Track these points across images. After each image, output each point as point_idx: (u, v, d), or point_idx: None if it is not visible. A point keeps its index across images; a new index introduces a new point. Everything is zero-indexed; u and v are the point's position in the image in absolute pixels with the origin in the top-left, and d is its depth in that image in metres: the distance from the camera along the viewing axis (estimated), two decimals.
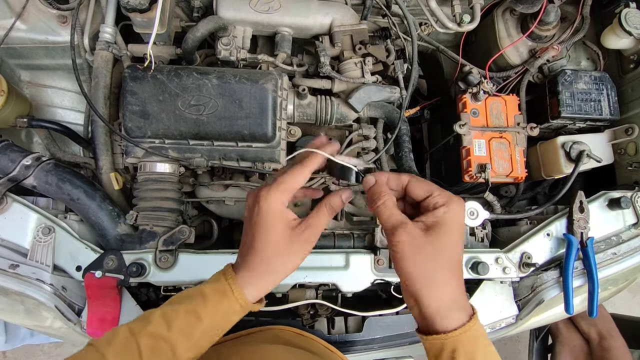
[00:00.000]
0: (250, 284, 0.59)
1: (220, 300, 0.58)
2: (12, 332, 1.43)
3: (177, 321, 0.57)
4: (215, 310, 0.58)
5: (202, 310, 0.57)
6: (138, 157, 0.91)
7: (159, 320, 0.57)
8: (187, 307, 0.58)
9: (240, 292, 0.58)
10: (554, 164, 1.09)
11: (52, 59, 1.03)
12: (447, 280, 0.55)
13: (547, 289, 0.96)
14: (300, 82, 1.00)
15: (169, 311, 0.58)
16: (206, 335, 0.58)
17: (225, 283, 0.59)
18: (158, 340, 0.55)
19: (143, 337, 0.55)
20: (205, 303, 0.58)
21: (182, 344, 0.56)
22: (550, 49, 1.08)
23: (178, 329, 0.56)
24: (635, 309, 2.37)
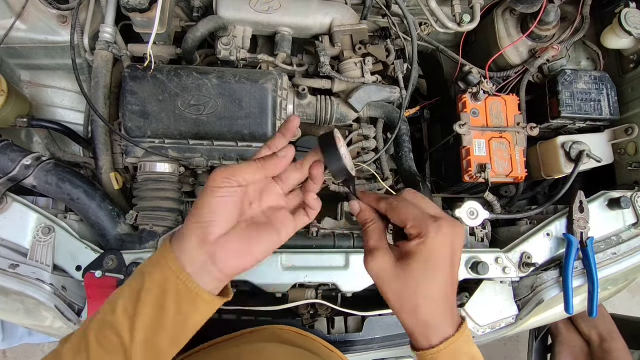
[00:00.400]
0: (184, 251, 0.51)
1: (154, 269, 0.52)
2: (10, 331, 1.42)
3: (120, 303, 0.51)
4: (151, 282, 0.51)
5: (141, 284, 0.51)
6: (138, 157, 0.91)
7: (106, 306, 0.53)
8: (128, 288, 0.52)
9: (170, 254, 0.51)
10: (554, 164, 1.09)
11: (52, 59, 1.03)
12: (424, 306, 0.53)
13: (547, 289, 0.96)
14: (300, 82, 1.00)
15: (114, 295, 0.53)
16: (152, 317, 0.50)
17: (159, 253, 0.53)
18: (104, 326, 0.51)
19: (91, 326, 0.51)
20: (142, 276, 0.52)
21: (126, 327, 0.50)
22: (550, 49, 1.08)
23: (121, 312, 0.51)
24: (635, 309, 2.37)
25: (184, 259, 0.51)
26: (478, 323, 0.95)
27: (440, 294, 0.54)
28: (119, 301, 0.51)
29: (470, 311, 0.95)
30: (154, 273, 0.51)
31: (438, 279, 0.54)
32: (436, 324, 0.54)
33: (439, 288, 0.54)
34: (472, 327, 0.95)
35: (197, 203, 0.53)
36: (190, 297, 0.51)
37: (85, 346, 0.50)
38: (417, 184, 0.96)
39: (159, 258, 0.52)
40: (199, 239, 0.51)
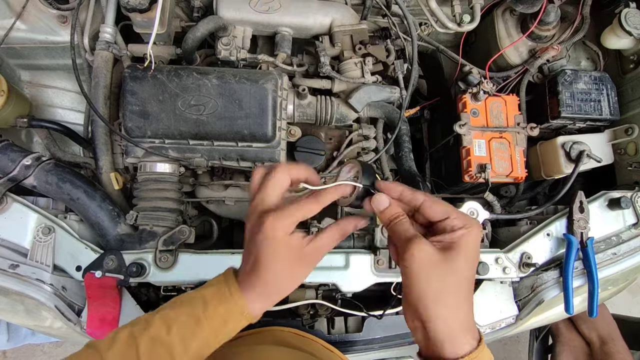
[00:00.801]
0: (252, 300, 0.58)
1: (219, 303, 0.57)
2: (14, 331, 1.43)
3: (176, 324, 0.56)
4: (216, 315, 0.57)
5: (202, 314, 0.57)
6: (138, 157, 0.91)
7: (158, 323, 0.57)
8: (187, 311, 0.58)
9: (242, 300, 0.57)
10: (554, 164, 1.09)
11: (52, 59, 1.03)
12: (459, 304, 0.51)
13: (547, 289, 0.96)
14: (300, 82, 1.00)
15: (169, 314, 0.58)
16: (204, 342, 0.57)
17: (227, 290, 0.58)
18: (156, 344, 0.55)
19: (142, 340, 0.55)
20: (205, 307, 0.57)
21: (180, 349, 0.55)
22: (550, 49, 1.08)
23: (177, 333, 0.56)
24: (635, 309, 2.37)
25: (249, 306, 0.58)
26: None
27: (470, 291, 0.53)
28: (174, 325, 0.56)
29: None
30: (219, 307, 0.57)
31: (472, 274, 0.54)
32: (462, 325, 0.51)
33: (470, 284, 0.53)
34: None
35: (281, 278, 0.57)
36: (243, 323, 0.59)
37: (136, 356, 0.54)
38: (417, 184, 0.96)
39: (224, 292, 0.58)
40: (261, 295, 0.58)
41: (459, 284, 0.52)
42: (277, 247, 0.55)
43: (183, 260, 0.87)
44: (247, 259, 0.58)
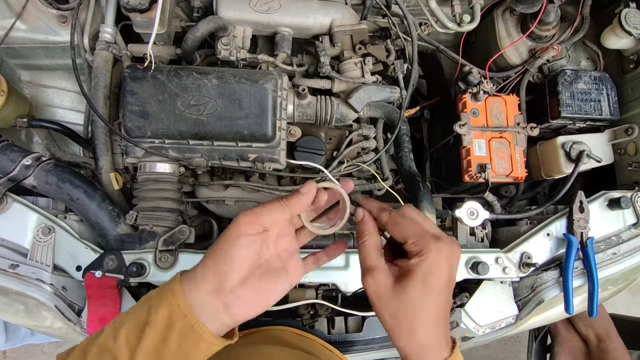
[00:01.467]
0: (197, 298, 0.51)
1: (162, 303, 0.51)
2: (13, 332, 1.43)
3: (123, 331, 0.51)
4: (159, 315, 0.51)
5: (147, 315, 0.51)
6: (138, 157, 0.91)
7: (108, 330, 0.53)
8: (135, 315, 0.52)
9: (181, 292, 0.51)
10: (554, 164, 1.09)
11: (52, 59, 1.03)
12: (421, 328, 0.52)
13: (547, 289, 0.96)
14: (300, 82, 1.00)
15: (119, 320, 0.53)
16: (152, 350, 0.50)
17: (168, 289, 0.52)
18: (104, 353, 0.51)
19: (91, 351, 0.51)
20: (149, 311, 0.51)
21: (125, 356, 0.50)
22: (550, 49, 1.08)
23: (123, 340, 0.51)
24: (635, 309, 2.37)
25: (196, 303, 0.51)
26: (478, 323, 0.95)
27: (438, 315, 0.53)
28: (122, 329, 0.51)
29: (470, 311, 0.95)
30: (161, 307, 0.51)
31: (435, 300, 0.53)
32: (433, 346, 0.52)
33: (436, 309, 0.53)
34: (472, 327, 0.95)
35: (216, 249, 0.53)
36: (194, 337, 0.51)
37: None
38: (417, 184, 0.96)
39: (167, 293, 0.52)
40: (214, 287, 0.52)
41: (419, 311, 0.52)
42: (232, 233, 0.53)
43: (183, 260, 0.87)
44: None
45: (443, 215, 1.06)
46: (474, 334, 0.96)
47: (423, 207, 0.92)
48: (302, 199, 0.56)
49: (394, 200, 0.95)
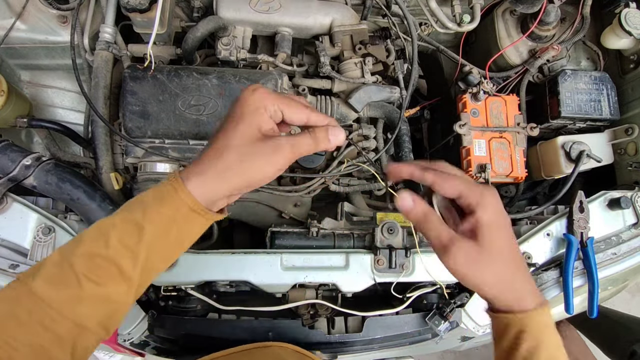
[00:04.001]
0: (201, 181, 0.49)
1: (161, 203, 0.49)
2: None
3: (114, 234, 0.48)
4: (158, 214, 0.49)
5: (141, 217, 0.48)
6: (138, 157, 0.91)
7: (93, 236, 0.49)
8: (123, 216, 0.49)
9: (186, 192, 0.49)
10: (554, 164, 1.09)
11: (52, 59, 1.03)
12: (513, 277, 0.53)
13: (547, 289, 0.96)
14: (300, 82, 1.00)
15: (103, 225, 0.49)
16: (155, 247, 0.49)
17: (167, 184, 0.50)
18: (96, 259, 0.47)
19: (77, 260, 0.47)
20: (144, 209, 0.49)
21: (127, 259, 0.48)
22: (550, 49, 1.08)
23: (118, 242, 0.47)
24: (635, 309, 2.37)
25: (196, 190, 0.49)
26: (478, 323, 0.95)
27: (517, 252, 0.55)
28: (112, 233, 0.48)
29: (470, 311, 0.95)
30: (161, 208, 0.49)
31: (511, 238, 0.54)
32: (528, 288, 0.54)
33: (515, 247, 0.54)
34: (472, 327, 0.95)
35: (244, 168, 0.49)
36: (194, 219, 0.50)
37: (75, 278, 0.47)
38: (417, 184, 0.96)
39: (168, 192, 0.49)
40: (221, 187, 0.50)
41: (506, 261, 0.52)
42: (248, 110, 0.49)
43: (183, 260, 0.87)
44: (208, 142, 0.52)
45: None
46: (474, 334, 0.96)
47: None
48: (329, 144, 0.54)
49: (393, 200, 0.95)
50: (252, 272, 0.88)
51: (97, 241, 0.48)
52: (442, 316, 0.99)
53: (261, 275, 0.87)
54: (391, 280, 0.91)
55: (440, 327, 0.98)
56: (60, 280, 0.47)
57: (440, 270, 0.90)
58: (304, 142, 0.52)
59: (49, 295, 0.46)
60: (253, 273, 0.88)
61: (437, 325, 0.98)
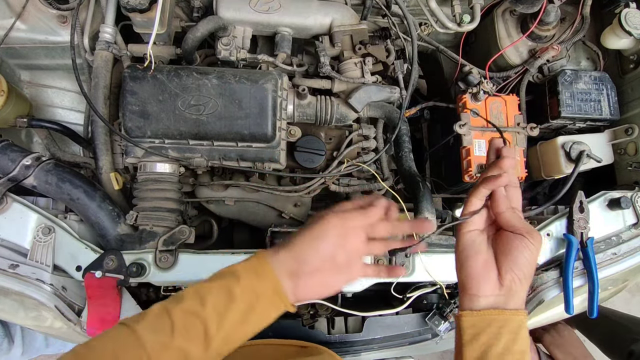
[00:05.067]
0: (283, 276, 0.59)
1: (253, 278, 0.58)
2: (29, 344, 1.45)
3: (210, 297, 0.56)
4: (250, 289, 0.57)
5: (235, 286, 0.57)
6: (138, 157, 0.91)
7: (192, 296, 0.57)
8: (220, 284, 0.58)
9: (272, 272, 0.58)
10: (554, 164, 1.09)
11: (52, 59, 1.03)
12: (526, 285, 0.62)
13: (547, 289, 0.96)
14: (300, 82, 1.00)
15: (202, 288, 0.58)
16: (238, 320, 0.57)
17: (258, 263, 0.59)
18: (191, 316, 0.55)
19: (176, 313, 0.55)
20: (237, 280, 0.57)
21: (214, 323, 0.55)
22: (550, 49, 1.08)
23: (212, 306, 0.56)
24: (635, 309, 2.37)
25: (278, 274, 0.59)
26: None
27: None
28: (208, 297, 0.56)
29: None
30: (252, 279, 0.58)
31: None
32: None
33: None
34: None
35: (303, 239, 0.61)
36: (277, 303, 0.59)
37: (170, 328, 0.54)
38: (417, 184, 0.96)
39: (257, 267, 0.59)
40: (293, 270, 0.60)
41: None
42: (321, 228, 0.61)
43: (183, 260, 0.87)
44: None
45: (443, 215, 1.06)
46: None
47: (423, 207, 0.92)
48: (377, 211, 0.65)
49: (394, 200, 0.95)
50: None
51: (195, 300, 0.56)
52: (442, 316, 0.99)
53: None
54: (391, 280, 0.91)
55: (440, 327, 0.98)
56: (158, 328, 0.55)
57: (440, 270, 0.90)
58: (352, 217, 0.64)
59: (146, 338, 0.53)
60: None
61: (437, 325, 0.99)
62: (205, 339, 0.55)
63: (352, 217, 0.63)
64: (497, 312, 0.59)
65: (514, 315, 0.59)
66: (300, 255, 0.60)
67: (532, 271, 0.61)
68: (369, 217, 0.64)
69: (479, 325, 0.59)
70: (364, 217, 0.64)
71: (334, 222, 0.62)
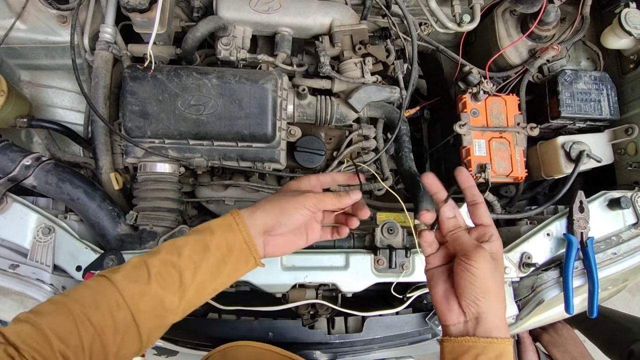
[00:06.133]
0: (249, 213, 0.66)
1: (225, 232, 0.63)
2: None
3: (186, 249, 0.60)
4: (222, 241, 0.62)
5: (210, 239, 0.62)
6: (138, 157, 0.91)
7: (169, 248, 0.61)
8: (195, 237, 0.63)
9: (244, 225, 0.64)
10: (554, 164, 1.09)
11: (52, 59, 1.03)
12: (502, 302, 0.64)
13: (547, 289, 0.96)
14: (300, 82, 1.00)
15: (177, 241, 0.62)
16: (211, 270, 0.61)
17: (231, 219, 0.65)
18: (167, 265, 0.59)
19: (152, 263, 0.59)
20: (212, 235, 0.63)
21: (190, 272, 0.60)
22: (550, 49, 1.08)
23: (187, 256, 0.60)
24: (635, 309, 2.37)
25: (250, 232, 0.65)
26: None
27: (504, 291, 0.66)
28: (184, 249, 0.61)
29: None
30: (226, 233, 0.63)
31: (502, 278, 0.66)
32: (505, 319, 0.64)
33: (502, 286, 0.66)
34: None
35: (281, 203, 0.68)
36: (248, 258, 0.65)
37: (147, 276, 0.58)
38: (417, 184, 0.96)
39: (230, 222, 0.64)
40: (266, 228, 0.67)
41: (501, 287, 0.64)
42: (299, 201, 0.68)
43: None
44: None
45: None
46: None
47: (423, 207, 0.92)
48: (349, 201, 0.74)
49: (394, 200, 0.95)
50: (252, 272, 0.87)
51: (172, 252, 0.61)
52: None
53: (261, 275, 0.87)
54: (391, 280, 0.91)
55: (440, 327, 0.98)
56: (135, 276, 0.58)
57: None
58: (328, 199, 0.71)
59: (123, 285, 0.57)
60: (253, 273, 0.87)
61: (437, 325, 0.98)
62: (180, 287, 0.59)
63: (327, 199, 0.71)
64: (471, 340, 0.60)
65: (491, 344, 0.59)
66: (279, 218, 0.67)
67: (485, 289, 0.61)
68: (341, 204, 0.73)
69: (456, 351, 0.61)
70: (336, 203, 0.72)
71: (312, 200, 0.69)
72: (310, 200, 0.69)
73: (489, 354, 0.59)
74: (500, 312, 0.63)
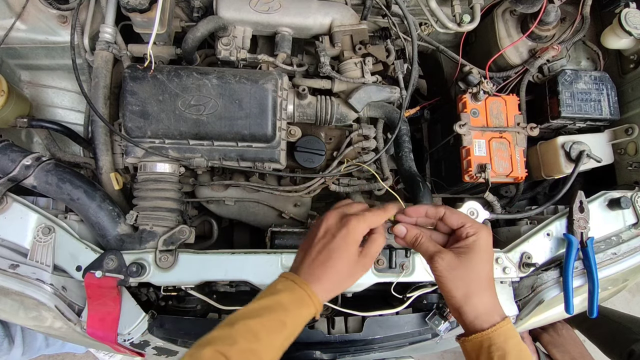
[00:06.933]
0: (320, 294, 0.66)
1: (300, 307, 0.64)
2: (29, 345, 1.45)
3: (263, 332, 0.61)
4: (298, 317, 0.63)
5: (285, 316, 0.63)
6: (138, 157, 0.91)
7: (246, 335, 0.60)
8: (271, 317, 0.63)
9: (318, 300, 0.65)
10: (554, 164, 1.09)
11: (52, 59, 1.03)
12: (480, 293, 0.66)
13: (547, 289, 0.96)
14: (300, 82, 1.00)
15: (253, 325, 0.61)
16: (286, 338, 0.63)
17: (304, 293, 0.65)
18: (247, 353, 0.59)
19: (233, 354, 0.58)
20: (287, 312, 0.63)
21: (269, 353, 0.61)
22: (550, 49, 1.08)
23: (267, 340, 0.61)
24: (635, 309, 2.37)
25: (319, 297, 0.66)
26: None
27: (492, 279, 0.69)
28: (262, 332, 0.61)
29: None
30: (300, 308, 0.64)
31: (490, 267, 0.69)
32: (495, 306, 0.67)
33: (491, 274, 0.69)
34: None
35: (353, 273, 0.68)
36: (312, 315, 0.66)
37: None
38: (417, 183, 0.96)
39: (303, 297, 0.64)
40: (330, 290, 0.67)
41: (478, 278, 0.67)
42: (353, 244, 0.67)
43: (183, 260, 0.87)
44: (314, 255, 0.68)
45: None
46: None
47: None
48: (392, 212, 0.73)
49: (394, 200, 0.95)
50: (252, 272, 0.88)
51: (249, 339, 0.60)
52: (442, 316, 0.99)
53: (261, 275, 0.87)
54: (391, 280, 0.91)
55: (440, 327, 0.98)
56: None
57: None
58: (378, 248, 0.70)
59: None
60: (253, 273, 0.88)
61: (437, 325, 0.99)
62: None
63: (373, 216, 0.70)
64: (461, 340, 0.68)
65: (494, 332, 0.64)
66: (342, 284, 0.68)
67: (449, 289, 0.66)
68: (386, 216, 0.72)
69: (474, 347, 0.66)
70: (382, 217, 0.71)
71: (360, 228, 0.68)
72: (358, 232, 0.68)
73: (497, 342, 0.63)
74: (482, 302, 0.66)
